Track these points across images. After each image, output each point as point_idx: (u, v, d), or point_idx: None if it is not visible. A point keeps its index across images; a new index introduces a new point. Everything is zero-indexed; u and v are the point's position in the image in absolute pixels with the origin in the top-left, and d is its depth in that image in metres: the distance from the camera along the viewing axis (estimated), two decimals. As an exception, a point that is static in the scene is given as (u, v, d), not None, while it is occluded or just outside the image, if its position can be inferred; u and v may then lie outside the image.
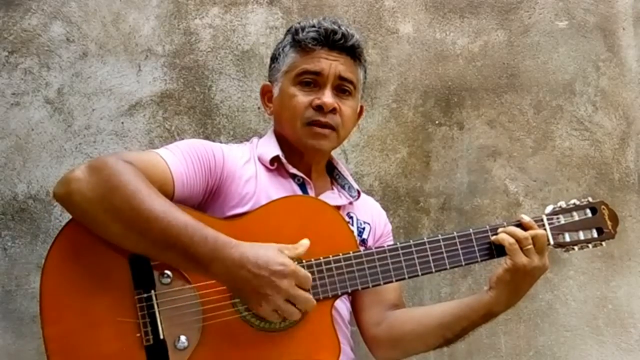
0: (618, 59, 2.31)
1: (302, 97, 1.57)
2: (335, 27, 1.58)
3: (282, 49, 1.63)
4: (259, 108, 2.07)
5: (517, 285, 1.48)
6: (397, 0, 2.21)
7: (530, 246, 1.44)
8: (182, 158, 1.42)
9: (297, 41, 1.59)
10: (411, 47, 2.20)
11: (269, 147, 1.61)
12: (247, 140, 1.72)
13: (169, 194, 1.38)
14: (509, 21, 2.27)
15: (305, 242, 1.35)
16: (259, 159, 1.59)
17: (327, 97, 1.56)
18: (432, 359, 2.07)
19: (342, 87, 1.60)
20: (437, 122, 2.19)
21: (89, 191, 1.26)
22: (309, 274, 1.31)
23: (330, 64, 1.57)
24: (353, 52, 1.62)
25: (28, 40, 1.98)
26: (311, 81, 1.58)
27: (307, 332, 1.38)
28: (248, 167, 1.55)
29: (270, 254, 1.29)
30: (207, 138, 2.00)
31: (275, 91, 1.64)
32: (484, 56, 2.24)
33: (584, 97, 2.27)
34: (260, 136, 1.71)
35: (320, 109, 1.55)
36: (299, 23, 1.62)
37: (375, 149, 2.14)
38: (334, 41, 1.58)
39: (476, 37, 2.24)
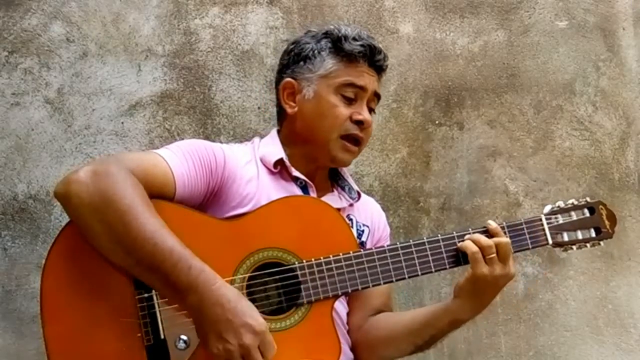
0: (618, 59, 2.31)
1: (343, 109, 1.57)
2: (377, 45, 1.62)
3: (319, 52, 1.60)
4: (259, 108, 2.07)
5: (480, 293, 1.46)
6: (397, 0, 2.21)
7: (493, 255, 1.42)
8: (184, 158, 1.42)
9: (341, 49, 1.58)
10: (411, 47, 2.20)
11: (272, 149, 1.60)
12: (248, 140, 1.72)
13: (170, 195, 1.38)
14: (509, 21, 2.27)
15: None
16: (261, 161, 1.58)
17: (366, 113, 1.59)
18: (432, 358, 2.07)
19: (372, 104, 1.63)
20: (437, 122, 2.19)
21: (87, 197, 1.26)
22: (275, 346, 1.28)
23: (370, 79, 1.60)
24: (382, 72, 1.66)
25: (28, 40, 1.97)
26: (353, 95, 1.58)
27: (307, 332, 1.38)
28: (249, 167, 1.55)
29: (249, 309, 1.27)
30: (207, 138, 2.00)
31: (307, 93, 1.60)
32: (484, 56, 2.24)
33: (584, 97, 2.28)
34: (262, 136, 1.70)
35: (360, 124, 1.57)
36: (338, 30, 1.61)
37: (375, 149, 2.14)
38: (377, 60, 1.61)
39: (476, 37, 2.24)
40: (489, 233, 1.46)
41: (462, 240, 1.46)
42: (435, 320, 1.51)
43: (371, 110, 1.64)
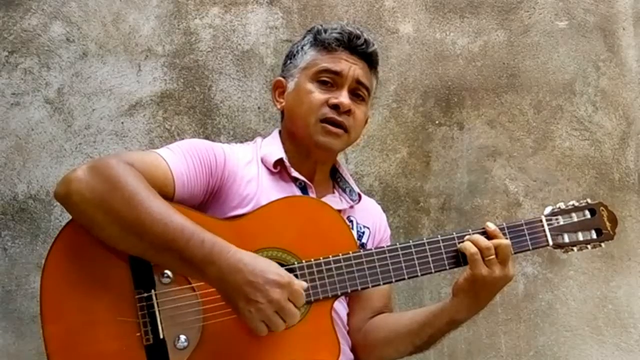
0: (618, 59, 2.31)
1: (318, 94, 1.57)
2: (358, 32, 1.61)
3: (301, 47, 1.63)
4: (259, 108, 2.07)
5: (477, 294, 1.45)
6: (397, 0, 2.21)
7: (493, 257, 1.41)
8: (183, 158, 1.42)
9: (319, 40, 1.60)
10: (411, 47, 2.20)
11: (273, 149, 1.60)
12: (249, 140, 1.72)
13: (170, 194, 1.38)
14: (509, 21, 2.27)
15: (303, 284, 1.33)
16: (262, 161, 1.59)
17: (344, 97, 1.57)
18: (432, 358, 2.07)
19: (357, 92, 1.61)
20: (437, 122, 2.19)
21: (88, 192, 1.27)
22: (302, 291, 1.30)
23: (350, 66, 1.59)
24: (371, 60, 1.64)
25: (28, 40, 1.98)
26: (329, 80, 1.58)
27: (307, 332, 1.38)
28: (250, 167, 1.55)
29: (267, 264, 1.29)
30: (207, 138, 2.00)
31: (290, 86, 1.63)
32: (484, 56, 2.24)
33: (584, 97, 2.28)
34: (264, 136, 1.70)
35: (336, 107, 1.56)
36: (321, 25, 1.64)
37: (375, 149, 2.14)
38: (356, 45, 1.60)
39: (476, 37, 2.24)
40: (487, 235, 1.46)
41: (462, 241, 1.46)
42: (434, 320, 1.51)
43: (360, 99, 1.62)
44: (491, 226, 1.47)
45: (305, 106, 1.57)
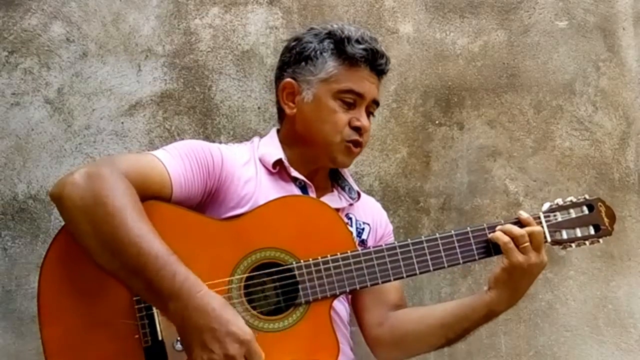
0: (618, 59, 2.30)
1: (342, 115, 1.58)
2: (380, 49, 1.61)
3: (321, 52, 1.59)
4: (259, 108, 2.07)
5: (516, 283, 1.48)
6: (397, 0, 2.21)
7: (527, 244, 1.44)
8: (180, 159, 1.42)
9: (344, 52, 1.58)
10: (411, 47, 2.20)
11: (271, 149, 1.60)
12: (248, 140, 1.72)
13: (167, 196, 1.38)
14: (509, 21, 2.27)
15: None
16: (261, 161, 1.59)
17: (365, 119, 1.60)
18: (432, 359, 2.07)
19: (370, 109, 1.64)
20: (437, 122, 2.19)
21: (78, 199, 1.25)
22: (263, 354, 1.26)
23: (370, 86, 1.61)
24: (383, 76, 1.66)
25: (28, 40, 1.98)
26: (352, 101, 1.59)
27: (305, 332, 1.38)
28: (248, 167, 1.55)
29: (234, 317, 1.25)
30: (207, 138, 2.00)
31: (307, 95, 1.60)
32: (484, 56, 2.24)
33: (584, 97, 2.27)
34: (261, 136, 1.70)
35: (358, 129, 1.58)
36: (342, 31, 1.60)
37: (375, 149, 2.14)
38: (378, 65, 1.61)
39: (476, 37, 2.24)
40: (520, 224, 1.48)
41: (462, 240, 1.47)
42: (471, 313, 1.52)
43: (370, 114, 1.65)
44: (524, 215, 1.50)
45: (330, 126, 1.57)
